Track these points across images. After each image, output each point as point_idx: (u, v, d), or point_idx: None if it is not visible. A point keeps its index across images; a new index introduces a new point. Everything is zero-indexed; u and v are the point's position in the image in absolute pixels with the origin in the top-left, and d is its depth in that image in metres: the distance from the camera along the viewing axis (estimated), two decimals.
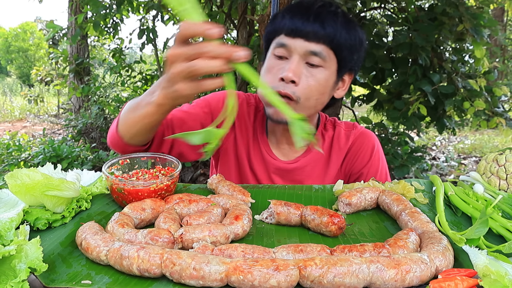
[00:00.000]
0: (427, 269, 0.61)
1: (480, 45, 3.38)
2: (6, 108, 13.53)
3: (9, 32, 27.74)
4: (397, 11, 4.16)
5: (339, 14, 1.11)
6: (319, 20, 1.08)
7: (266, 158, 1.33)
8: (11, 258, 0.61)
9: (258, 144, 1.35)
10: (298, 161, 1.32)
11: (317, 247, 0.69)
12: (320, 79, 1.12)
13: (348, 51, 1.13)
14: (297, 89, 1.10)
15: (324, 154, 1.33)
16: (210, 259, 0.61)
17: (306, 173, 1.32)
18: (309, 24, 1.08)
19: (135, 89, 6.03)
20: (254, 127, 1.36)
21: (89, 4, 4.00)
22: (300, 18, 1.10)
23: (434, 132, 8.05)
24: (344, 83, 1.24)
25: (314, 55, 1.10)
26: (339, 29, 1.09)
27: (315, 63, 1.10)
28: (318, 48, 1.09)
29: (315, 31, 1.08)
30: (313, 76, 1.11)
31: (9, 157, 4.87)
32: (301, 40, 1.10)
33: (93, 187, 1.00)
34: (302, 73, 1.11)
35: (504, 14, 9.50)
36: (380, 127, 4.04)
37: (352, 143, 1.34)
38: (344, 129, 1.36)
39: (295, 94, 1.10)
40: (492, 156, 1.02)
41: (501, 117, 3.51)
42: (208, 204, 0.90)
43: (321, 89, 1.13)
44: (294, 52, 1.11)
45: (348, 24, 1.12)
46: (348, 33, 1.11)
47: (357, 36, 1.14)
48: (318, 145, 1.33)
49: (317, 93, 1.13)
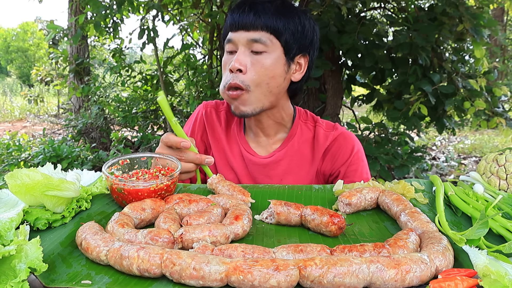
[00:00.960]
0: (427, 269, 0.61)
1: (480, 45, 3.38)
2: (6, 108, 13.53)
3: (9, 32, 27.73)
4: (397, 11, 4.16)
5: (275, 2, 1.20)
6: (253, 10, 1.18)
7: (244, 155, 1.38)
8: (11, 258, 0.61)
9: (237, 143, 1.40)
10: (274, 155, 1.36)
11: (317, 247, 0.69)
12: (266, 63, 1.18)
13: (290, 35, 1.21)
14: (245, 77, 1.18)
15: (300, 150, 1.36)
16: (210, 259, 0.61)
17: (283, 167, 1.36)
18: (246, 15, 1.18)
19: (135, 89, 6.03)
20: (229, 129, 1.43)
21: (89, 4, 4.00)
22: (238, 11, 1.20)
23: (434, 132, 8.05)
24: (301, 66, 1.29)
25: (255, 42, 1.18)
26: (275, 15, 1.18)
27: (258, 49, 1.18)
28: (257, 35, 1.18)
29: (251, 20, 1.17)
30: (258, 62, 1.18)
31: (9, 157, 4.87)
32: (242, 31, 1.19)
33: (93, 187, 1.00)
34: (248, 62, 1.18)
35: (504, 14, 9.50)
36: (380, 127, 4.04)
37: (331, 144, 1.36)
38: (324, 129, 1.39)
39: (244, 82, 1.18)
40: (492, 156, 1.02)
41: (501, 117, 3.51)
42: (208, 204, 0.90)
43: (268, 73, 1.19)
44: (238, 43, 1.20)
45: (285, 10, 1.20)
46: (286, 18, 1.19)
47: (299, 21, 1.22)
48: (294, 138, 1.38)
49: (266, 78, 1.19)
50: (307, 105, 4.47)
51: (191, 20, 5.48)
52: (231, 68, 1.18)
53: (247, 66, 1.18)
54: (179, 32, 5.53)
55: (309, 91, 4.44)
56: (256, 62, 1.18)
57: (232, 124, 1.43)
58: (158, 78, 5.78)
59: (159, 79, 5.55)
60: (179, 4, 4.95)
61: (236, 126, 1.42)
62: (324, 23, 3.55)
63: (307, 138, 1.38)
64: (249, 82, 1.18)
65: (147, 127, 6.20)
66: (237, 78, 1.17)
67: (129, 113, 5.96)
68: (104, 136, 6.27)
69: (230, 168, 1.40)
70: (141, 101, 6.14)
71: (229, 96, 1.20)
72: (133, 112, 6.05)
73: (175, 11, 5.20)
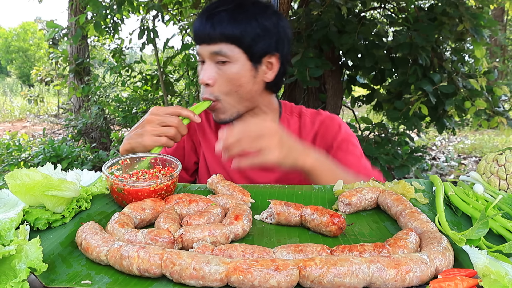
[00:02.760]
0: (427, 269, 0.61)
1: (480, 45, 3.38)
2: (6, 108, 13.54)
3: (9, 32, 27.74)
4: (397, 11, 4.16)
5: (230, 10, 1.18)
6: (210, 21, 1.18)
7: None
8: (11, 258, 0.61)
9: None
10: None
11: (317, 247, 0.69)
12: (231, 73, 1.20)
13: (250, 40, 1.20)
14: (214, 90, 1.22)
15: None
16: (210, 259, 0.61)
17: None
18: (203, 27, 1.19)
19: (135, 89, 6.03)
20: (219, 129, 1.45)
21: (89, 4, 4.00)
22: (198, 24, 1.21)
23: (434, 132, 8.05)
24: (272, 65, 1.29)
25: (217, 55, 1.19)
26: (231, 24, 1.17)
27: (222, 60, 1.20)
28: (217, 48, 1.19)
29: (209, 33, 1.18)
30: (224, 73, 1.20)
31: (9, 157, 4.88)
32: (204, 45, 1.21)
33: (93, 187, 1.00)
34: (214, 74, 1.20)
35: (504, 14, 9.50)
36: (380, 127, 4.04)
37: (318, 127, 1.38)
38: (309, 116, 1.41)
39: (214, 94, 1.22)
40: (492, 156, 1.02)
41: (502, 116, 3.51)
42: (208, 204, 0.90)
43: (235, 82, 1.22)
44: (204, 57, 1.22)
45: (241, 15, 1.19)
46: (243, 24, 1.18)
47: (257, 24, 1.20)
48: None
49: (234, 87, 1.22)
50: (307, 105, 4.46)
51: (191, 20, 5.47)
52: (200, 82, 1.22)
53: (215, 78, 1.20)
54: (179, 32, 5.53)
55: (309, 91, 4.44)
56: (222, 73, 1.21)
57: (220, 126, 1.45)
58: (158, 78, 5.78)
59: (159, 79, 5.55)
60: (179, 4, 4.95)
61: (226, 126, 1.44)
62: (324, 23, 3.55)
63: (294, 129, 1.39)
64: (218, 93, 1.22)
65: None
66: (207, 92, 1.22)
67: (129, 113, 5.96)
68: (104, 136, 6.27)
69: (222, 166, 1.42)
70: (141, 101, 6.14)
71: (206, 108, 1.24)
72: (133, 112, 6.05)
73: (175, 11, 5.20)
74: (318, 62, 3.45)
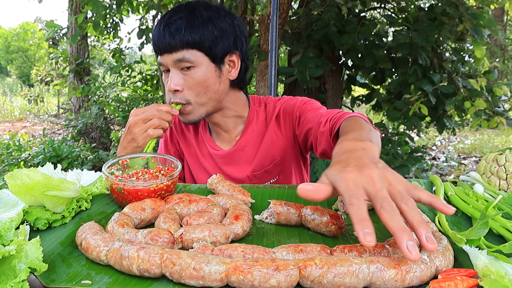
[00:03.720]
0: (427, 269, 0.61)
1: (480, 45, 3.38)
2: (6, 108, 13.54)
3: (10, 32, 27.73)
4: (397, 11, 4.17)
5: (185, 17, 1.21)
6: (167, 30, 1.20)
7: (211, 152, 1.45)
8: (11, 258, 0.61)
9: (205, 144, 1.48)
10: (236, 144, 1.43)
11: (317, 247, 0.69)
12: (197, 77, 1.23)
13: (210, 43, 1.22)
14: (183, 95, 1.24)
15: (261, 132, 1.42)
16: (210, 259, 0.61)
17: (248, 151, 1.42)
18: (162, 38, 1.21)
19: (135, 89, 6.03)
20: (197, 133, 1.50)
21: (89, 4, 4.00)
22: (157, 34, 1.23)
23: (434, 132, 8.06)
24: (234, 63, 1.32)
25: (181, 62, 1.22)
26: (188, 30, 1.20)
27: (186, 66, 1.22)
28: (180, 55, 1.21)
29: (169, 43, 1.20)
30: (190, 78, 1.23)
31: (9, 157, 4.87)
32: (166, 54, 1.23)
33: (93, 187, 1.00)
34: (181, 80, 1.23)
35: (504, 14, 9.50)
36: (380, 127, 4.04)
37: (279, 108, 1.42)
38: (273, 103, 1.46)
39: (184, 99, 1.25)
40: (492, 156, 1.02)
41: (502, 116, 3.51)
42: (208, 204, 0.90)
43: (202, 84, 1.25)
44: (168, 66, 1.24)
45: (197, 21, 1.21)
46: (200, 29, 1.20)
47: (214, 26, 1.23)
48: (252, 123, 1.43)
49: (201, 89, 1.25)
50: None
51: None
52: (169, 90, 1.24)
53: (182, 85, 1.24)
54: None
55: (309, 91, 4.44)
56: (189, 78, 1.23)
57: (199, 128, 1.50)
58: (158, 78, 5.78)
59: (159, 79, 5.54)
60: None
61: (202, 129, 1.49)
62: (324, 23, 3.55)
63: (263, 119, 1.44)
64: (189, 97, 1.25)
65: None
66: (177, 97, 1.24)
67: (129, 113, 5.95)
68: (104, 136, 6.27)
69: (204, 169, 1.47)
70: (141, 101, 6.14)
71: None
72: None
73: None
74: (318, 62, 3.46)
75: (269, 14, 3.20)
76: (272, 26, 2.51)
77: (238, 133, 1.44)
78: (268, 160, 1.40)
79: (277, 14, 2.52)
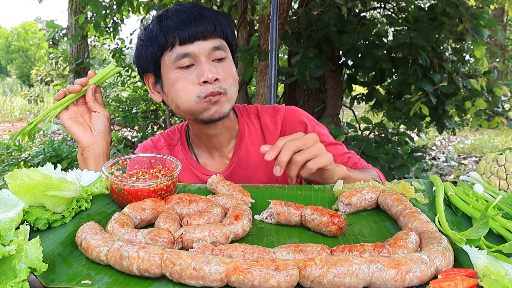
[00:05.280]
0: (427, 269, 0.61)
1: (480, 45, 3.38)
2: (6, 108, 13.54)
3: (10, 32, 27.73)
4: (397, 11, 4.17)
5: (207, 9, 1.20)
6: (201, 18, 1.15)
7: (202, 178, 1.35)
8: (11, 258, 0.61)
9: (190, 169, 1.38)
10: (231, 165, 1.36)
11: (317, 247, 0.69)
12: (230, 69, 1.22)
13: (232, 36, 1.24)
14: (221, 84, 1.19)
15: (256, 147, 1.35)
16: (210, 259, 0.61)
17: (245, 171, 1.36)
18: (197, 24, 1.14)
19: (135, 89, 6.03)
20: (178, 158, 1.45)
21: (89, 4, 4.00)
22: (185, 23, 1.15)
23: (434, 132, 8.06)
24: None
25: (217, 50, 1.17)
26: (218, 20, 1.18)
27: (219, 56, 1.18)
28: (217, 42, 1.17)
29: (205, 28, 1.15)
30: (224, 69, 1.20)
31: (9, 157, 4.88)
32: (199, 41, 1.15)
33: (93, 187, 1.00)
34: (219, 69, 1.19)
35: (504, 14, 9.50)
36: (380, 127, 4.04)
37: (282, 126, 1.38)
38: (268, 116, 1.40)
39: (222, 87, 1.18)
40: (492, 156, 1.02)
41: (502, 116, 3.51)
42: (208, 204, 0.90)
43: (234, 76, 1.23)
44: (199, 55, 1.15)
45: (221, 14, 1.21)
46: (226, 21, 1.20)
47: (227, 22, 1.23)
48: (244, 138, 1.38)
49: (234, 82, 1.23)
50: (307, 105, 4.47)
51: None
52: (208, 80, 1.15)
53: (221, 74, 1.19)
54: None
55: (309, 91, 4.44)
56: (223, 69, 1.19)
57: (178, 155, 1.40)
58: None
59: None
60: None
61: (183, 154, 1.40)
62: (324, 23, 3.55)
63: (256, 132, 1.38)
64: (226, 87, 1.20)
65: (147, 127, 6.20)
66: (217, 86, 1.17)
67: (129, 113, 5.96)
68: None
69: (194, 177, 1.39)
70: (141, 101, 6.14)
71: (210, 101, 1.18)
72: (133, 112, 6.05)
73: None
74: (318, 62, 3.46)
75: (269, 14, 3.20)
76: (272, 26, 2.52)
77: (230, 150, 1.37)
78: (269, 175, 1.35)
79: (277, 14, 2.53)
